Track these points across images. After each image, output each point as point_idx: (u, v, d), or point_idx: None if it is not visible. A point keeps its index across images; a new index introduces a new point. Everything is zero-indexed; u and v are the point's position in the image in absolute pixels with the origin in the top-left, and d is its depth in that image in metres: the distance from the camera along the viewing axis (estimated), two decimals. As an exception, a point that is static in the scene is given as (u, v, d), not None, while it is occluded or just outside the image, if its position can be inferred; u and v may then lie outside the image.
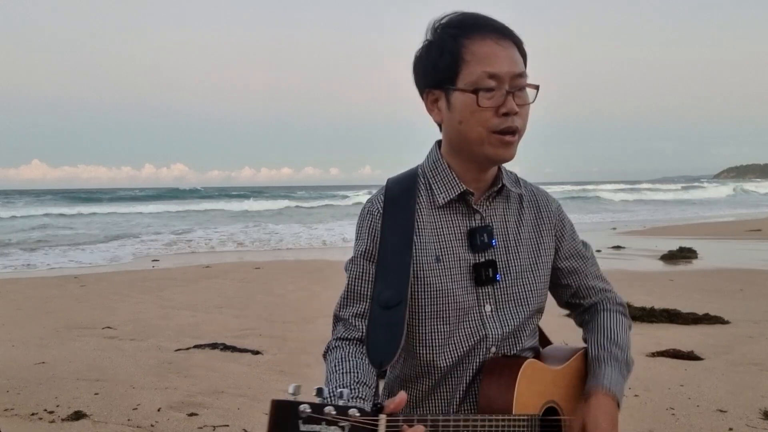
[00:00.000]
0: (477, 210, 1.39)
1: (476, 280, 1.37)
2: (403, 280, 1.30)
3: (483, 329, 1.37)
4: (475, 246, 1.37)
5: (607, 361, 1.43)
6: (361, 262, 1.37)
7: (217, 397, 4.14)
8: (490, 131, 1.29)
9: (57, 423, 3.69)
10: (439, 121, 1.38)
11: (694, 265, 10.70)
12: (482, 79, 1.27)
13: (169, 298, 8.05)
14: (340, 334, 1.37)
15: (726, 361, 4.83)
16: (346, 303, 1.38)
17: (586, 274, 1.55)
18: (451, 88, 1.30)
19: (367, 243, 1.37)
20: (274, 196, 47.77)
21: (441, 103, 1.35)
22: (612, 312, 1.54)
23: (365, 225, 1.39)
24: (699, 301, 7.15)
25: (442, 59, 1.31)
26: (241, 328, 6.26)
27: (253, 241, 16.86)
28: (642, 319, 6.23)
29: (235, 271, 10.72)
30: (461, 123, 1.30)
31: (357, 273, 1.38)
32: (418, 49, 1.38)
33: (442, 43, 1.31)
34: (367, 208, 1.41)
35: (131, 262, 12.76)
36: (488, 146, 1.30)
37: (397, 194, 1.39)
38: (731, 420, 3.65)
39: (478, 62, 1.27)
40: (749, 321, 6.18)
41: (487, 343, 1.37)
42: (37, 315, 7.01)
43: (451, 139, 1.37)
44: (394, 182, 1.42)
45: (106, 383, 4.42)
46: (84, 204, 38.23)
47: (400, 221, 1.35)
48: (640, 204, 36.86)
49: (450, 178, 1.38)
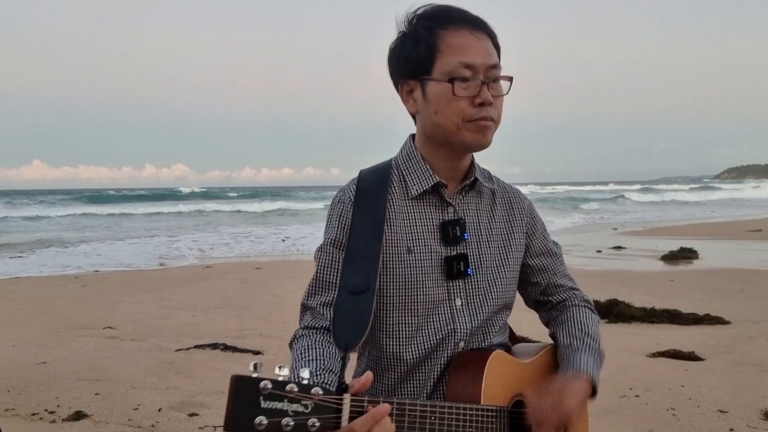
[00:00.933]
0: (450, 203, 1.39)
1: (447, 274, 1.35)
2: (372, 267, 1.28)
3: (452, 323, 1.36)
4: (447, 239, 1.36)
5: (580, 348, 1.42)
6: (330, 250, 1.36)
7: (218, 398, 4.14)
8: (466, 120, 1.28)
9: (58, 423, 3.69)
10: (414, 111, 1.37)
11: (695, 266, 10.70)
12: (457, 69, 1.26)
13: (170, 298, 8.05)
14: (308, 323, 1.35)
15: (726, 361, 4.83)
16: (314, 291, 1.37)
17: (555, 272, 1.55)
18: (426, 79, 1.30)
19: (337, 231, 1.35)
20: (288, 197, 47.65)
21: (416, 93, 1.34)
22: (581, 307, 1.54)
23: (335, 213, 1.37)
24: (699, 301, 7.14)
25: (417, 50, 1.30)
26: (241, 328, 6.26)
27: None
28: (642, 320, 6.23)
29: (235, 272, 10.72)
30: (437, 113, 1.30)
31: (326, 261, 1.36)
32: (392, 41, 1.37)
33: (416, 34, 1.31)
34: (338, 197, 1.39)
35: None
36: (465, 132, 1.29)
37: (370, 184, 1.38)
38: (732, 420, 3.65)
39: (453, 52, 1.27)
40: (750, 321, 6.18)
41: (456, 337, 1.36)
42: (38, 315, 7.01)
43: (427, 130, 1.35)
44: (367, 173, 1.41)
45: (106, 383, 4.42)
46: (118, 203, 38.54)
47: (371, 210, 1.34)
48: (675, 205, 35.40)
49: (424, 169, 1.37)
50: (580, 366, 1.39)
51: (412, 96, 1.35)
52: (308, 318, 1.36)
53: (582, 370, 1.38)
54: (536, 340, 1.67)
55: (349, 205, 1.35)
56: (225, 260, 12.85)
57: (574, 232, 19.05)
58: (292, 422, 0.97)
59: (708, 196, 43.94)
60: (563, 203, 37.30)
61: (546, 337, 1.59)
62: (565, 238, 16.39)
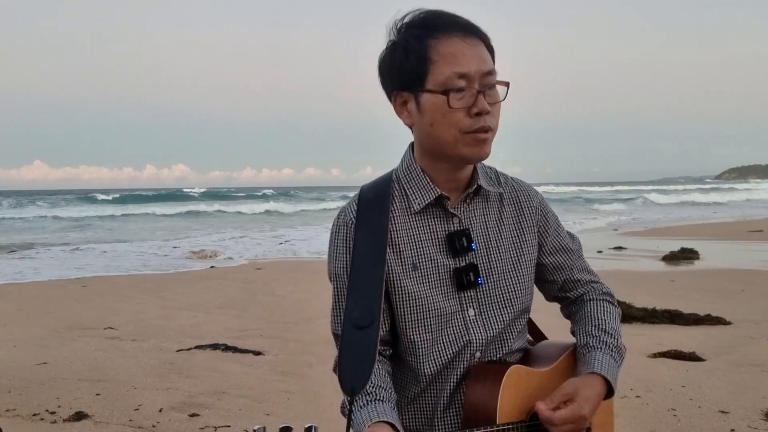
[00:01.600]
0: (454, 214, 1.36)
1: (458, 285, 1.34)
2: (376, 298, 1.25)
3: (467, 334, 1.34)
4: (454, 250, 1.34)
5: (597, 347, 1.39)
6: (343, 278, 1.33)
7: (219, 398, 4.14)
8: (463, 132, 1.25)
9: (59, 423, 3.70)
10: (410, 123, 1.33)
11: (696, 266, 10.69)
12: (451, 80, 1.22)
13: (170, 299, 8.05)
14: None
15: (728, 361, 4.82)
16: (337, 320, 1.35)
17: (572, 269, 1.49)
18: (419, 90, 1.26)
19: (346, 258, 1.33)
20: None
21: (410, 105, 1.30)
22: (599, 301, 1.49)
23: (341, 237, 1.35)
24: (700, 301, 7.14)
25: (408, 61, 1.26)
26: (242, 329, 6.26)
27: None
28: (643, 320, 6.22)
29: (236, 272, 10.73)
30: (432, 125, 1.26)
31: (341, 290, 1.35)
32: (382, 50, 1.33)
33: (406, 44, 1.26)
34: (341, 220, 1.36)
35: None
36: (462, 146, 1.26)
37: (371, 202, 1.34)
38: (733, 421, 3.65)
39: (446, 62, 1.23)
40: (751, 322, 6.17)
41: (471, 349, 1.35)
42: (39, 315, 7.01)
43: (423, 142, 1.32)
44: (368, 189, 1.38)
45: (107, 384, 4.42)
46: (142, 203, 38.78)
47: (373, 231, 1.30)
48: (697, 207, 34.17)
49: (424, 182, 1.34)
50: (594, 365, 1.34)
51: (406, 108, 1.31)
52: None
53: (596, 369, 1.34)
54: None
55: (352, 228, 1.33)
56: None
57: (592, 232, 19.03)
58: None
59: (727, 197, 43.19)
60: (577, 204, 37.13)
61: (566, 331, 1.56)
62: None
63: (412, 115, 1.31)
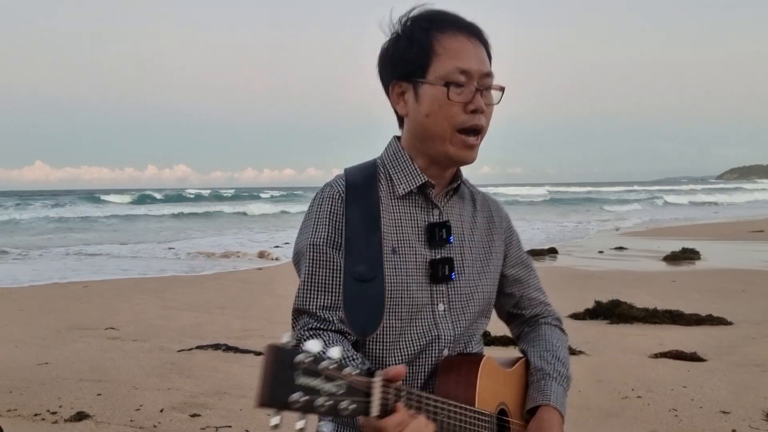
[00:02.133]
0: (436, 205, 1.36)
1: (431, 277, 1.32)
2: (377, 256, 1.24)
3: (435, 329, 1.33)
4: (432, 241, 1.33)
5: (552, 375, 1.41)
6: (324, 249, 1.28)
7: (220, 398, 4.14)
8: (455, 128, 1.27)
9: (60, 424, 3.70)
10: (405, 113, 1.34)
11: (697, 266, 10.69)
12: (453, 74, 1.25)
13: (171, 299, 8.06)
14: (312, 326, 1.26)
15: (729, 362, 4.82)
16: (310, 295, 1.27)
17: (529, 284, 1.53)
18: (420, 81, 1.28)
19: (329, 229, 1.28)
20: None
21: (407, 95, 1.32)
22: (553, 327, 1.53)
23: (324, 209, 1.30)
24: (701, 302, 7.14)
25: (412, 51, 1.28)
26: (243, 329, 6.27)
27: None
28: (644, 320, 6.22)
29: (237, 272, 10.74)
30: (428, 116, 1.28)
31: (320, 262, 1.28)
32: (385, 41, 1.35)
33: (412, 35, 1.29)
34: (326, 193, 1.32)
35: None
36: (450, 146, 1.28)
37: (359, 180, 1.34)
38: (734, 421, 3.64)
39: (450, 56, 1.26)
40: (752, 322, 6.17)
41: (440, 345, 1.33)
42: (40, 316, 7.02)
43: (416, 133, 1.33)
44: (354, 170, 1.37)
45: (108, 384, 4.42)
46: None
47: (364, 205, 1.30)
48: (717, 207, 33.71)
49: (411, 168, 1.34)
50: (549, 397, 1.38)
51: (403, 98, 1.33)
52: (310, 321, 1.27)
53: (551, 401, 1.37)
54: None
55: (340, 201, 1.30)
56: (231, 260, 12.85)
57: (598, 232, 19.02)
58: (326, 403, 0.90)
59: (744, 197, 42.64)
60: (588, 204, 36.98)
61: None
62: (567, 238, 16.40)
63: (408, 105, 1.32)
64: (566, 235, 17.91)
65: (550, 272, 9.74)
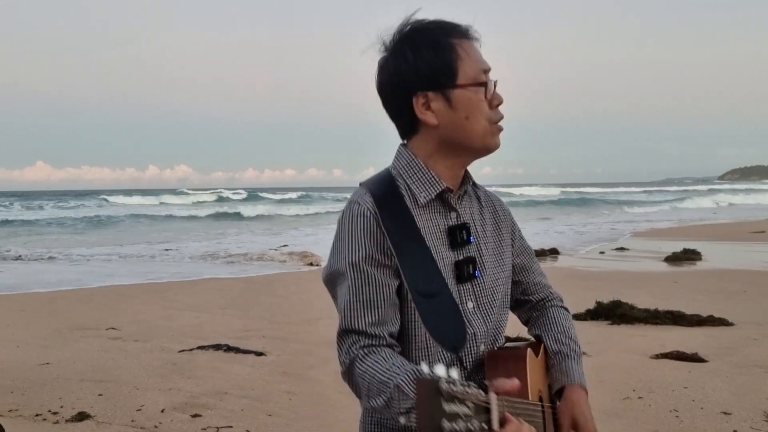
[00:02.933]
0: (454, 207, 1.39)
1: (457, 278, 1.36)
2: (434, 270, 1.29)
3: (470, 327, 1.36)
4: (455, 243, 1.37)
5: (570, 356, 1.48)
6: (365, 267, 1.28)
7: (221, 398, 4.15)
8: (491, 122, 1.34)
9: (61, 424, 3.70)
10: (435, 123, 1.34)
11: (698, 267, 10.68)
12: (479, 75, 1.32)
13: (173, 299, 8.06)
14: (363, 343, 1.25)
15: (730, 363, 4.81)
16: (357, 313, 1.26)
17: (533, 271, 1.59)
18: (450, 87, 1.31)
19: (368, 247, 1.29)
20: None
21: (435, 104, 1.32)
22: (560, 308, 1.59)
23: (359, 227, 1.30)
24: (703, 302, 7.13)
25: (438, 59, 1.30)
26: (244, 330, 6.27)
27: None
28: (646, 321, 6.22)
29: (238, 273, 10.74)
30: (468, 118, 1.32)
31: (362, 280, 1.28)
32: (392, 57, 1.34)
33: (434, 44, 1.31)
34: (357, 210, 1.31)
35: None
36: (490, 137, 1.35)
37: (384, 194, 1.34)
38: (736, 422, 3.64)
39: (471, 59, 1.32)
40: (753, 323, 6.16)
41: (477, 341, 1.37)
42: (41, 316, 7.03)
43: (453, 138, 1.34)
44: (373, 183, 1.38)
45: (110, 384, 4.43)
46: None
47: (401, 218, 1.32)
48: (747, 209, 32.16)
49: (429, 176, 1.36)
50: (573, 377, 1.44)
51: (430, 108, 1.33)
52: (359, 339, 1.25)
53: (576, 380, 1.44)
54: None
55: (372, 218, 1.30)
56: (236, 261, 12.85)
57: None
58: (465, 426, 0.93)
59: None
60: (604, 205, 36.64)
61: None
62: (568, 239, 16.38)
63: (439, 113, 1.33)
64: (600, 237, 17.25)
65: (551, 272, 9.70)
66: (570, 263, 11.46)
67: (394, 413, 1.14)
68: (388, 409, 1.16)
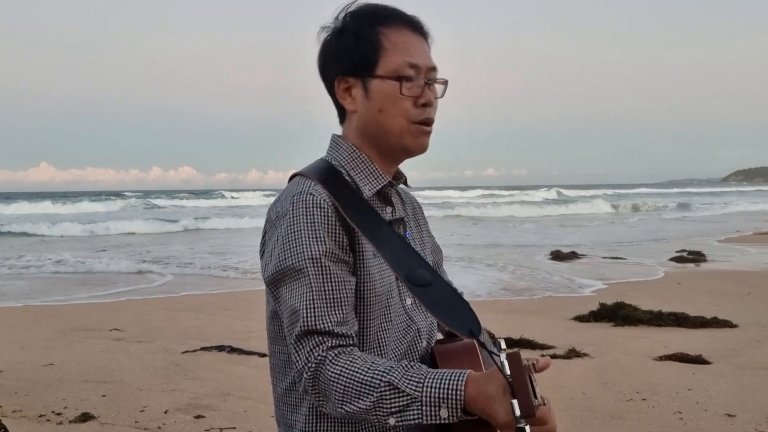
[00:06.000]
0: (391, 202, 1.36)
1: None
2: (415, 255, 1.24)
3: (412, 323, 1.32)
4: None
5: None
6: (326, 263, 1.18)
7: (224, 400, 4.15)
8: (410, 122, 1.27)
9: (64, 425, 3.71)
10: (353, 110, 1.31)
11: (702, 269, 10.66)
12: (403, 68, 1.25)
13: (176, 300, 8.07)
14: (332, 344, 1.15)
15: (734, 365, 4.80)
16: (319, 313, 1.16)
17: (443, 270, 1.55)
18: (369, 76, 1.26)
19: (328, 242, 1.19)
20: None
21: (355, 91, 1.29)
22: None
23: (317, 220, 1.20)
24: (707, 304, 7.11)
25: (359, 46, 1.26)
26: (247, 331, 6.27)
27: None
28: (649, 323, 6.20)
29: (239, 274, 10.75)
30: (381, 112, 1.27)
31: (324, 277, 1.18)
32: (325, 35, 1.32)
33: (357, 30, 1.27)
34: (311, 202, 1.21)
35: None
36: (407, 136, 1.28)
37: (336, 185, 1.25)
38: (740, 424, 3.63)
39: (398, 51, 1.26)
40: (757, 324, 6.14)
41: (421, 336, 1.33)
42: (44, 317, 7.04)
43: (367, 129, 1.30)
44: (318, 174, 1.27)
45: (113, 385, 4.43)
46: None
47: (364, 209, 1.25)
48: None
49: (373, 169, 1.32)
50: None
51: (350, 93, 1.30)
52: (325, 340, 1.16)
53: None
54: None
55: (330, 210, 1.21)
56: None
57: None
58: (539, 401, 1.02)
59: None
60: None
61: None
62: (571, 240, 16.36)
63: (357, 101, 1.30)
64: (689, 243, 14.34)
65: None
66: (574, 266, 11.43)
67: (383, 414, 1.08)
68: (374, 411, 1.09)
